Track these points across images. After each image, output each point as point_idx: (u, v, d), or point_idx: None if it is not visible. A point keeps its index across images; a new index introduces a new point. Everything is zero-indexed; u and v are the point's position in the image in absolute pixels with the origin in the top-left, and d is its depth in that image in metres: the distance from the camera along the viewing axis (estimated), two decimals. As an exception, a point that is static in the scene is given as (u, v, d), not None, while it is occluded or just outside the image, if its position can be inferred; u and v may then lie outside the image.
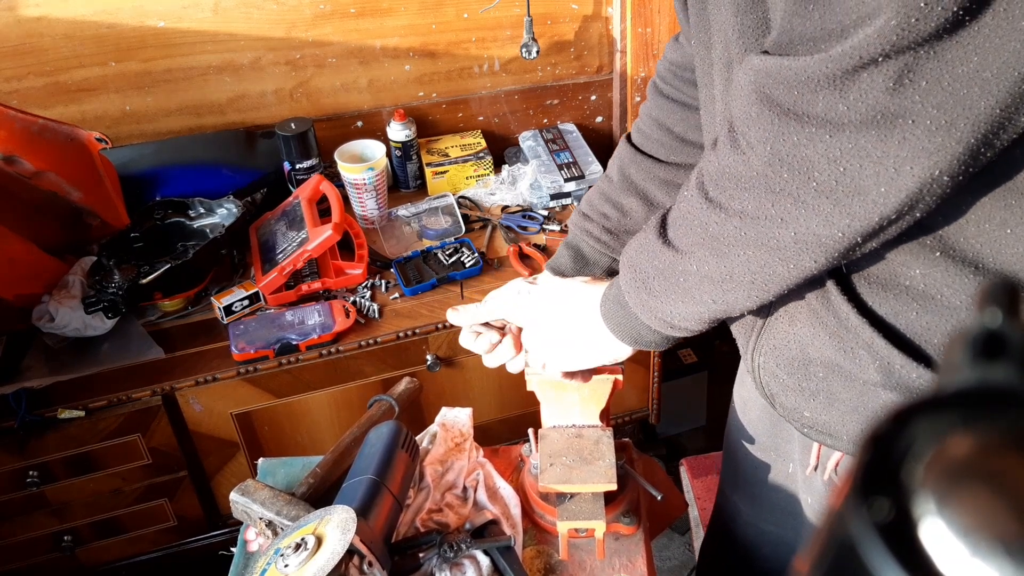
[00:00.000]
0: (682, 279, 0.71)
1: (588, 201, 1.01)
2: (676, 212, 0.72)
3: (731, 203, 0.65)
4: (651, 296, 0.75)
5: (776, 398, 0.84)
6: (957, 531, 0.21)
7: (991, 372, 0.24)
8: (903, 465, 0.23)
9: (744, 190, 0.63)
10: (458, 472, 1.11)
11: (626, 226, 0.99)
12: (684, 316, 0.74)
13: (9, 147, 1.39)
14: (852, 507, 0.22)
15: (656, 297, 0.74)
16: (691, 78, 0.95)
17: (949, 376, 0.25)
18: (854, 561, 0.22)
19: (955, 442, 0.23)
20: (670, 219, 0.73)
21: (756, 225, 0.64)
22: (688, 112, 0.96)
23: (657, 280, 0.74)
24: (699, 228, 0.68)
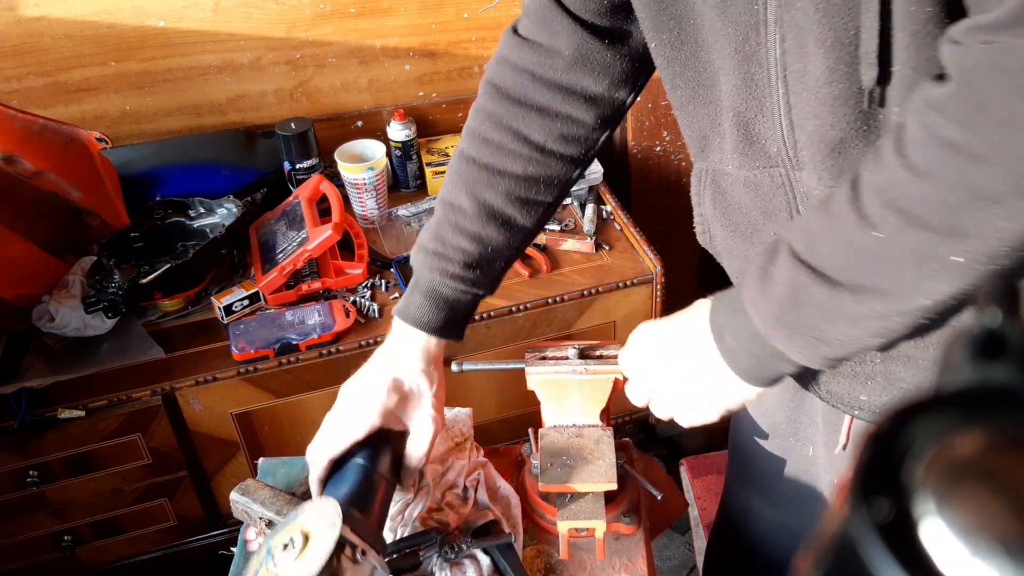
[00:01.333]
0: (844, 311, 0.62)
1: (437, 237, 0.89)
2: (829, 241, 0.61)
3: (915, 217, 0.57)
4: (805, 336, 0.64)
5: (825, 386, 0.81)
6: (957, 531, 0.21)
7: (991, 372, 0.24)
8: (903, 465, 0.23)
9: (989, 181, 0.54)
10: (458, 472, 1.11)
11: (487, 257, 0.89)
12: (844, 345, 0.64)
13: (9, 147, 1.39)
14: (852, 507, 0.22)
15: (813, 335, 0.64)
16: (552, 78, 0.86)
17: (949, 376, 0.25)
18: (854, 561, 0.22)
19: (955, 442, 0.23)
20: (821, 252, 0.62)
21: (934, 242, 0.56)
22: (549, 119, 0.87)
23: (814, 317, 0.63)
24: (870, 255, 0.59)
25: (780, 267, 0.64)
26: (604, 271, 1.67)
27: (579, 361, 1.04)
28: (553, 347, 1.06)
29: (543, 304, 1.61)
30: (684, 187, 2.22)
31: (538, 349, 1.06)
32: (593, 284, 1.63)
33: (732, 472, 1.20)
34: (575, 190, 1.81)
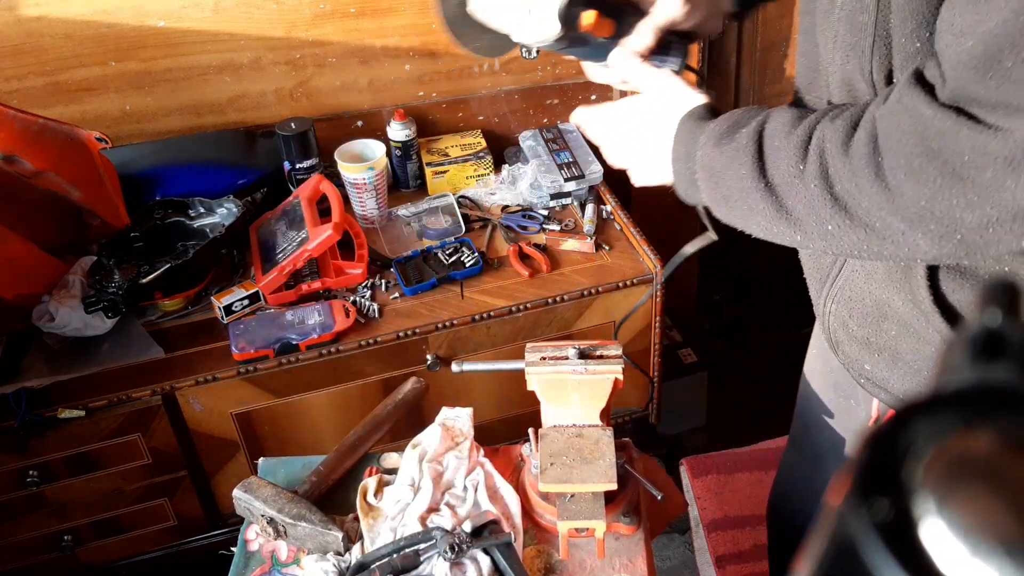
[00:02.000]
0: (758, 213, 0.75)
1: None
2: (780, 157, 0.73)
3: (855, 208, 0.68)
4: (717, 193, 0.78)
5: (840, 346, 0.89)
6: (957, 531, 0.21)
7: (991, 372, 0.24)
8: (903, 465, 0.23)
9: (878, 209, 0.66)
10: (458, 472, 1.11)
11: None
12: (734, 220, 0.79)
13: (9, 147, 1.39)
14: (852, 507, 0.22)
15: (721, 199, 0.79)
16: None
17: (949, 376, 0.25)
18: (854, 561, 0.22)
19: (955, 442, 0.23)
20: (769, 158, 0.73)
21: (872, 234, 0.68)
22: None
23: (732, 195, 0.77)
24: (802, 196, 0.71)
25: (742, 136, 0.75)
26: (604, 271, 1.67)
27: (579, 361, 1.04)
28: (553, 347, 1.06)
29: (543, 304, 1.61)
30: (684, 187, 2.21)
31: (538, 349, 1.06)
32: (593, 284, 1.64)
33: (790, 441, 1.22)
34: (575, 190, 1.81)
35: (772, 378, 2.49)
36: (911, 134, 0.63)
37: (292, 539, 1.09)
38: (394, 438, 1.54)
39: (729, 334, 2.50)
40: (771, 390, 2.51)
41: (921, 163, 0.62)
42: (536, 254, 1.69)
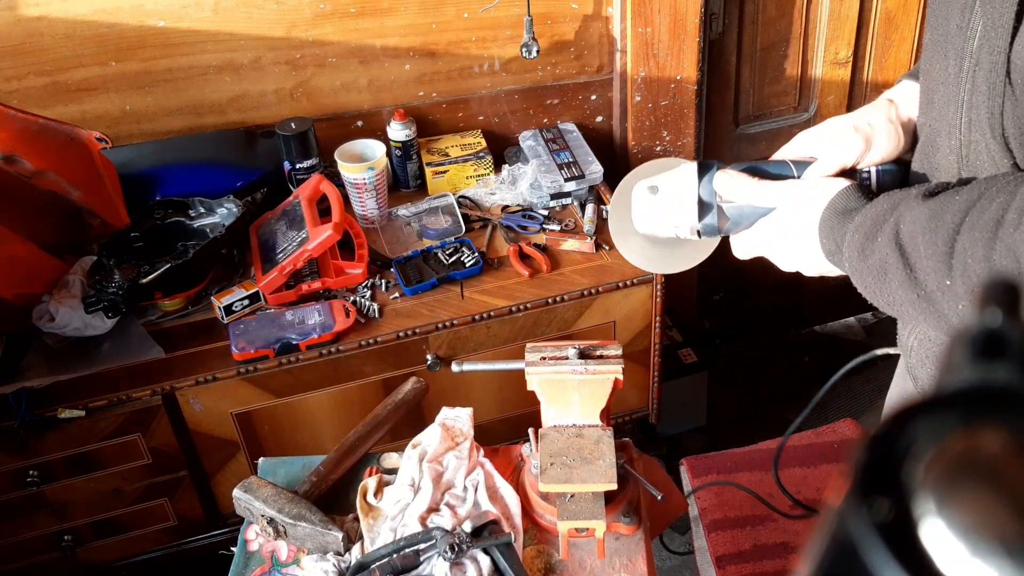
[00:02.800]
0: (919, 318, 0.73)
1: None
2: (927, 268, 0.70)
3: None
4: (878, 299, 0.76)
5: (919, 381, 0.88)
6: (957, 531, 0.21)
7: (991, 372, 0.24)
8: (903, 465, 0.23)
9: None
10: (458, 472, 1.11)
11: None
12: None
13: (9, 147, 1.39)
14: (852, 507, 0.22)
15: (884, 304, 0.76)
16: None
17: (949, 376, 0.25)
18: (854, 561, 0.22)
19: (955, 442, 0.23)
20: (917, 268, 0.71)
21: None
22: None
23: (893, 302, 0.75)
24: (956, 308, 0.69)
25: (882, 245, 0.73)
26: (604, 271, 1.67)
27: (579, 361, 1.04)
28: (553, 347, 1.06)
29: (543, 304, 1.61)
30: (684, 187, 2.20)
31: (538, 349, 1.06)
32: (593, 284, 1.64)
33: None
34: (575, 190, 1.81)
35: (772, 378, 2.49)
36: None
37: (292, 539, 1.09)
38: (394, 438, 1.54)
39: (729, 334, 2.50)
40: (771, 390, 2.52)
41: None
42: (536, 254, 1.69)
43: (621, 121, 2.01)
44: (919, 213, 0.70)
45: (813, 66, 2.12)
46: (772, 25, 2.03)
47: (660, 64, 1.90)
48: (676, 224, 0.91)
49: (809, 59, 2.11)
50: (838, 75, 2.14)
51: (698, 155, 2.07)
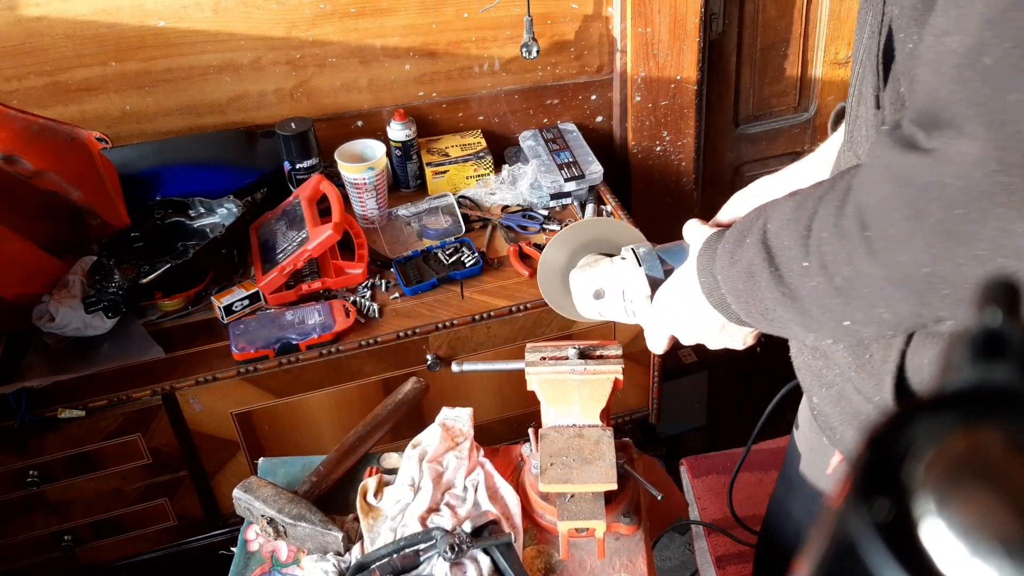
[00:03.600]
0: (790, 322, 0.71)
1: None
2: (790, 257, 0.68)
3: (858, 296, 0.63)
4: (753, 311, 0.74)
5: (799, 371, 0.86)
6: (957, 531, 0.21)
7: (991, 372, 0.24)
8: (903, 465, 0.23)
9: (880, 291, 0.61)
10: (458, 472, 1.11)
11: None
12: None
13: (9, 147, 1.39)
14: (852, 507, 0.22)
15: (759, 315, 0.74)
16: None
17: (949, 376, 0.25)
18: (854, 561, 0.22)
19: (955, 442, 0.23)
20: (781, 262, 0.68)
21: (886, 322, 0.63)
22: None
23: (767, 310, 0.73)
24: (814, 296, 0.66)
25: (749, 246, 0.72)
26: (604, 271, 1.66)
27: (579, 361, 1.04)
28: (553, 347, 1.06)
29: (543, 304, 1.61)
30: (684, 187, 2.23)
31: (538, 349, 1.06)
32: (593, 284, 1.63)
33: (780, 475, 1.20)
34: (575, 190, 1.81)
35: (772, 378, 2.49)
36: (892, 197, 0.56)
37: (292, 539, 1.09)
38: (394, 438, 1.54)
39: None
40: (771, 390, 2.51)
41: (911, 228, 0.55)
42: (536, 254, 1.69)
43: (621, 121, 2.01)
44: (785, 209, 0.70)
45: (813, 66, 2.12)
46: (772, 25, 2.03)
47: (660, 64, 1.90)
48: (631, 312, 0.94)
49: (809, 59, 2.11)
50: (838, 75, 2.14)
51: (698, 156, 2.07)
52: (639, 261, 0.92)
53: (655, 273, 0.92)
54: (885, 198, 0.57)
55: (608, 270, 0.95)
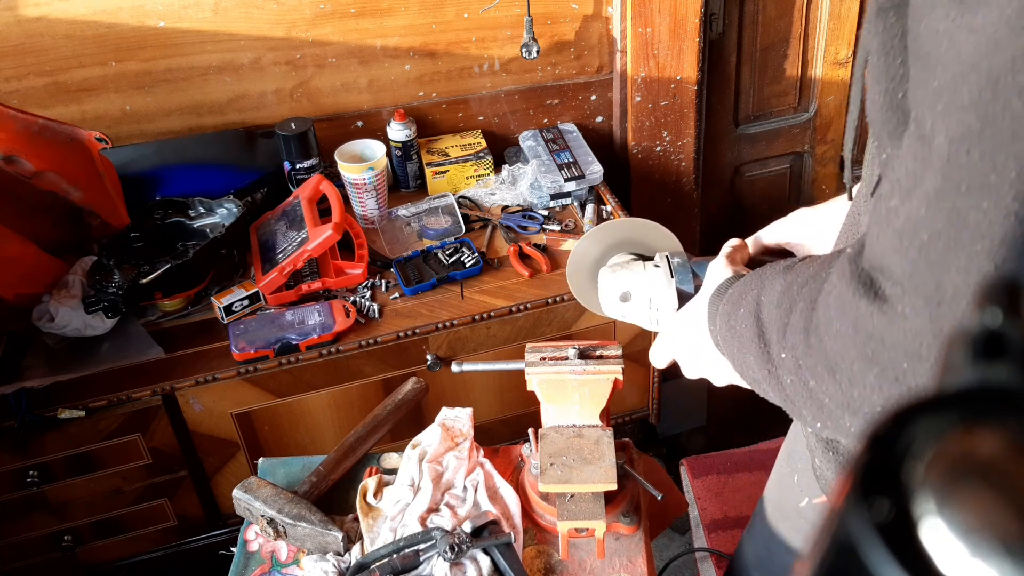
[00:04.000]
0: (774, 398, 0.70)
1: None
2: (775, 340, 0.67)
3: (821, 402, 0.63)
4: (747, 377, 0.74)
5: (805, 428, 0.85)
6: (957, 531, 0.21)
7: (991, 372, 0.24)
8: (903, 465, 0.23)
9: (835, 406, 0.61)
10: (458, 472, 1.11)
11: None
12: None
13: (9, 147, 1.39)
14: (852, 507, 0.22)
15: (751, 382, 0.73)
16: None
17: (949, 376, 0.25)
18: (854, 561, 0.22)
19: (955, 442, 0.23)
20: (770, 341, 0.68)
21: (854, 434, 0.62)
22: None
23: (756, 381, 0.72)
24: (784, 389, 0.66)
25: (743, 317, 0.71)
26: (604, 271, 1.67)
27: (579, 361, 1.04)
28: (553, 347, 1.06)
29: (543, 304, 1.61)
30: (684, 187, 2.22)
31: (538, 349, 1.06)
32: (593, 284, 1.63)
33: (749, 525, 1.19)
34: (575, 190, 1.81)
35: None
36: (846, 336, 0.57)
37: (292, 539, 1.09)
38: (394, 438, 1.54)
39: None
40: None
41: (863, 369, 0.56)
42: (536, 254, 1.69)
43: (621, 121, 2.01)
44: (776, 286, 0.68)
45: (813, 66, 2.12)
46: (772, 25, 2.03)
47: (660, 64, 1.90)
48: (654, 321, 0.93)
49: (809, 59, 2.11)
50: (838, 75, 2.14)
51: (698, 156, 2.07)
52: (672, 271, 0.90)
53: (686, 287, 0.89)
54: (840, 333, 0.57)
55: (639, 275, 0.93)
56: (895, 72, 0.57)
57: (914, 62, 0.53)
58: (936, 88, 0.49)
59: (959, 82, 0.47)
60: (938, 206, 0.48)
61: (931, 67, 0.49)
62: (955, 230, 0.48)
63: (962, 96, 0.46)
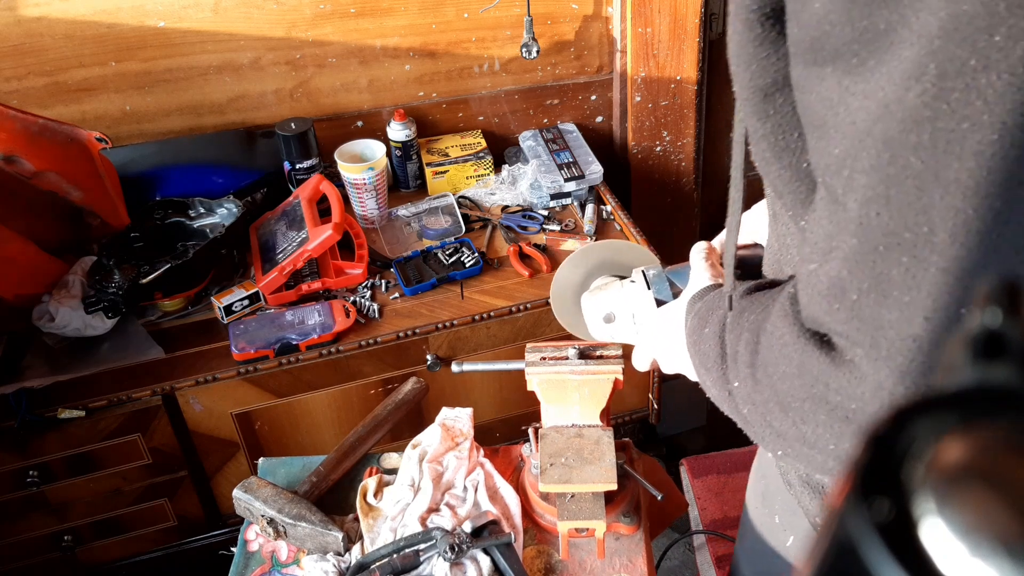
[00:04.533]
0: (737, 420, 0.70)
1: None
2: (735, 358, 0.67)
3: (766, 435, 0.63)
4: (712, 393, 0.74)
5: (786, 470, 0.85)
6: (957, 531, 0.21)
7: (991, 372, 0.24)
8: (903, 465, 0.23)
9: (789, 441, 0.61)
10: (458, 472, 1.11)
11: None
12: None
13: (9, 147, 1.39)
14: (852, 507, 0.22)
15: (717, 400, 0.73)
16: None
17: (949, 376, 0.25)
18: (854, 561, 0.22)
19: (955, 442, 0.23)
20: (728, 363, 0.68)
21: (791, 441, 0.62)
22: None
23: (719, 401, 0.72)
24: (741, 414, 0.67)
25: (708, 336, 0.71)
26: (604, 271, 1.66)
27: (579, 361, 1.04)
28: (553, 347, 1.06)
29: (543, 304, 1.61)
30: (684, 187, 2.23)
31: (538, 349, 1.06)
32: (593, 284, 1.63)
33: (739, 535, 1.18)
34: (575, 190, 1.81)
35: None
36: (793, 378, 0.57)
37: (292, 539, 1.09)
38: (394, 438, 1.54)
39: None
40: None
41: (813, 409, 0.56)
42: (536, 254, 1.69)
43: (621, 121, 2.01)
44: (736, 308, 0.69)
45: (813, 66, 2.12)
46: (772, 25, 2.03)
47: (660, 64, 1.90)
48: (639, 334, 0.93)
49: (809, 59, 2.11)
50: (838, 75, 2.14)
51: (698, 156, 2.07)
52: (648, 284, 0.91)
53: (664, 296, 0.90)
54: (787, 375, 0.58)
55: (618, 294, 0.94)
56: (794, 146, 0.59)
57: (811, 132, 0.54)
58: (839, 156, 0.50)
59: (858, 148, 0.48)
60: (860, 267, 0.49)
61: (829, 135, 0.51)
62: (881, 287, 0.49)
63: (863, 161, 0.48)
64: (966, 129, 0.43)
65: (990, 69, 0.41)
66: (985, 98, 0.42)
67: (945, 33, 0.42)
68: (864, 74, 0.47)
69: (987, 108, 0.42)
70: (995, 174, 0.43)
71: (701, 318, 0.74)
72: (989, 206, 0.43)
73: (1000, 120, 0.42)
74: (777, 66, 0.57)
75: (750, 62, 0.58)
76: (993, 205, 0.43)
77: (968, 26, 0.41)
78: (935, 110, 0.43)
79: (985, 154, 0.42)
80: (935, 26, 0.42)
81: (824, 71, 0.50)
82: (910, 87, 0.44)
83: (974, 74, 0.42)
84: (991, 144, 0.42)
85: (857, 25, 0.46)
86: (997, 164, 0.42)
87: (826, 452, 0.58)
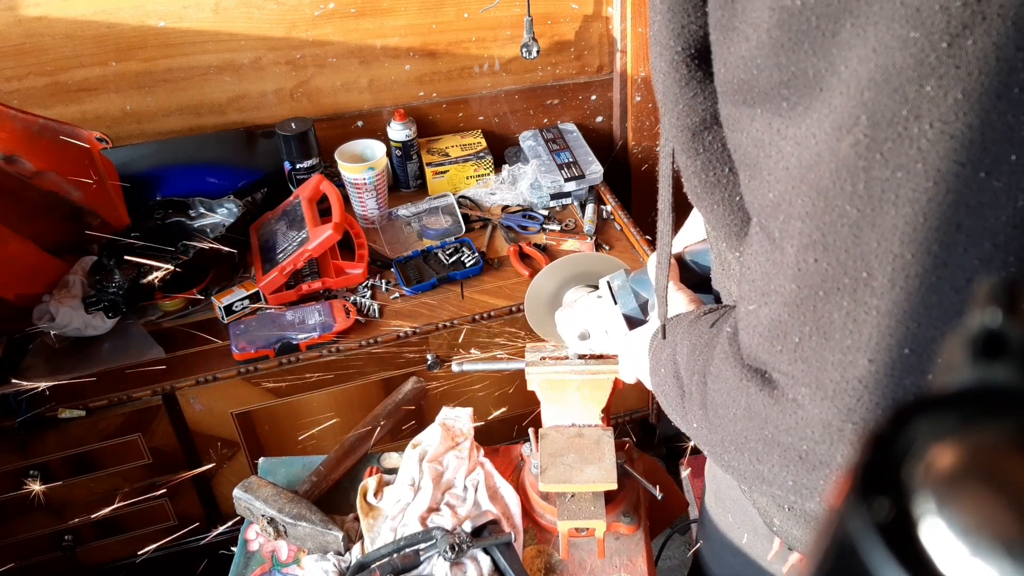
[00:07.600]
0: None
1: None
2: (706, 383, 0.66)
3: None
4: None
5: (756, 500, 0.83)
6: (957, 531, 0.21)
7: (991, 372, 0.24)
8: (903, 465, 0.23)
9: (747, 477, 0.61)
10: (458, 472, 1.11)
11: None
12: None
13: (9, 147, 1.39)
14: (852, 507, 0.22)
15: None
16: None
17: (949, 376, 0.25)
18: (854, 561, 0.22)
19: (955, 441, 0.23)
20: (685, 392, 0.68)
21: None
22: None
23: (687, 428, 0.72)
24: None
25: (665, 376, 0.71)
26: (604, 271, 1.67)
27: (579, 361, 1.04)
28: (553, 346, 1.06)
29: (543, 304, 1.61)
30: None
31: (538, 349, 1.06)
32: (593, 284, 1.63)
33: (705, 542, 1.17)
34: (575, 190, 1.81)
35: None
36: (742, 420, 0.57)
37: (292, 539, 1.09)
38: (394, 438, 1.54)
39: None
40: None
41: (766, 450, 0.56)
42: (536, 254, 1.69)
43: (621, 121, 2.01)
44: (684, 346, 0.69)
45: (813, 66, 2.12)
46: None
47: (660, 64, 1.90)
48: (615, 345, 0.95)
49: (809, 59, 2.11)
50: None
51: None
52: (615, 299, 0.92)
53: (630, 311, 0.92)
54: (737, 416, 0.58)
55: (587, 310, 0.94)
56: (726, 180, 0.59)
57: (743, 170, 0.54)
58: (773, 200, 0.50)
59: (793, 194, 0.48)
60: (800, 311, 0.49)
61: (762, 176, 0.50)
62: (823, 331, 0.48)
63: (798, 208, 0.47)
64: (900, 178, 0.42)
65: (922, 119, 0.41)
66: (918, 147, 0.42)
67: (875, 84, 0.42)
68: (795, 118, 0.47)
69: (920, 156, 0.42)
70: (932, 219, 0.43)
71: (656, 357, 0.73)
72: (927, 250, 0.43)
73: (935, 168, 0.41)
74: (704, 105, 0.57)
75: (676, 101, 0.58)
76: (931, 249, 0.43)
77: (898, 77, 0.41)
78: (868, 160, 0.43)
79: (921, 201, 0.42)
80: (865, 77, 0.42)
81: (754, 111, 0.50)
82: (842, 137, 0.44)
83: (906, 124, 0.41)
84: (927, 191, 0.42)
85: (785, 70, 0.46)
86: (933, 210, 0.42)
87: (785, 488, 0.58)
